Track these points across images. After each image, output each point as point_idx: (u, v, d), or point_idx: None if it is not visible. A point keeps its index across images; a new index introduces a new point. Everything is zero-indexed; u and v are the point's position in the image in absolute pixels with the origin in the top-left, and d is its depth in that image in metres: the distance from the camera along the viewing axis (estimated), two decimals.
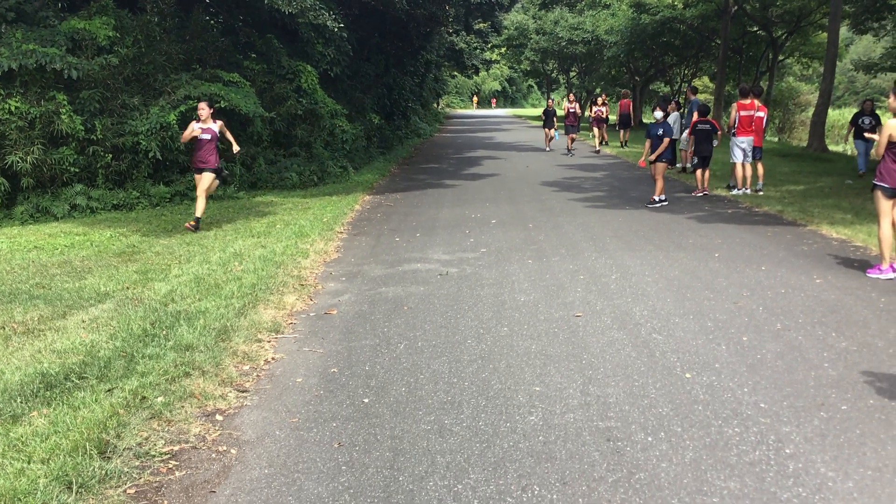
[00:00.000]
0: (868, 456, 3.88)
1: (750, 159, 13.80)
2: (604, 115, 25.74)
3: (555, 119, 25.32)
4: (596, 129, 25.39)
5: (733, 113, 13.93)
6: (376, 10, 21.48)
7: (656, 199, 12.63)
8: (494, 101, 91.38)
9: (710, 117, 14.51)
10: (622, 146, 26.17)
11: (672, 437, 4.11)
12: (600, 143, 25.02)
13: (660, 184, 12.66)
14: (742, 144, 13.63)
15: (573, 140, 24.60)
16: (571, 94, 27.53)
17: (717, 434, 4.14)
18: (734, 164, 13.97)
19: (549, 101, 27.52)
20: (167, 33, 15.19)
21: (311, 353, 5.66)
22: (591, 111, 26.55)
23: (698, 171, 14.18)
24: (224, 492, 3.69)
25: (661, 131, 12.66)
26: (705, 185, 14.07)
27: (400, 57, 28.46)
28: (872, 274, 7.58)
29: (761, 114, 13.87)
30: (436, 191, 15.70)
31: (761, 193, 13.75)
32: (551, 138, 25.49)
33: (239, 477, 3.82)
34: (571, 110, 24.50)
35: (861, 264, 8.08)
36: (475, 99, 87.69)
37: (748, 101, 13.73)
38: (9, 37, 12.61)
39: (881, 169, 7.57)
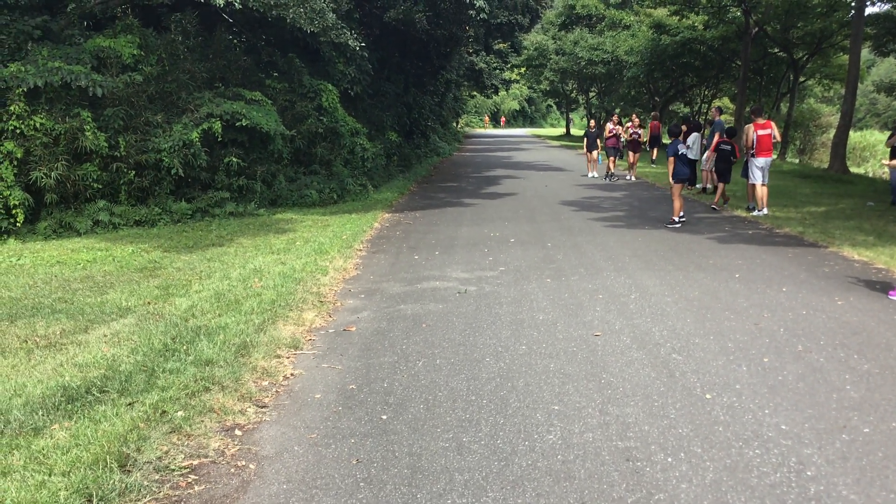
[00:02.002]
0: (891, 479, 3.83)
1: (767, 179, 13.81)
2: (641, 138, 23.34)
3: (598, 142, 23.56)
4: (631, 154, 23.02)
5: (750, 133, 13.90)
6: (397, 30, 21.70)
7: (675, 218, 12.68)
8: (504, 120, 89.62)
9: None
10: (652, 164, 26.25)
11: (692, 458, 4.08)
12: (615, 167, 23.00)
13: (677, 203, 12.68)
14: (760, 164, 13.63)
15: (615, 163, 22.71)
16: (615, 116, 24.33)
17: (738, 455, 4.10)
18: (753, 185, 13.94)
19: (591, 121, 25.78)
20: (191, 52, 15.40)
21: (330, 370, 5.68)
22: (625, 134, 23.71)
23: (721, 185, 14.84)
24: None
25: (671, 151, 12.77)
26: (723, 199, 14.28)
27: (420, 76, 28.65)
28: (895, 296, 7.51)
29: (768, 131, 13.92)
30: (455, 209, 15.73)
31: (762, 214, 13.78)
32: (593, 161, 23.46)
33: (257, 492, 3.83)
34: (615, 132, 22.60)
35: (883, 286, 8.01)
36: (486, 118, 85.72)
37: (763, 121, 13.73)
38: (35, 54, 12.82)
39: None
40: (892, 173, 15.22)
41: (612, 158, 22.61)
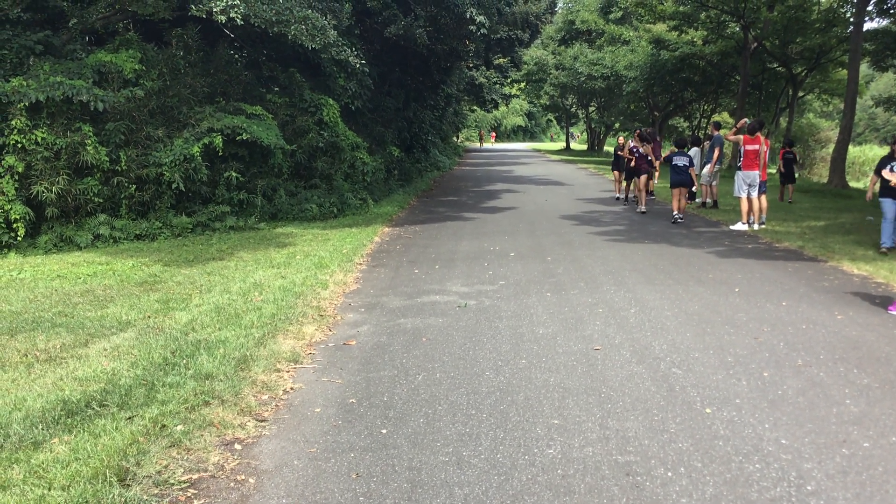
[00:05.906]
0: (891, 493, 3.83)
1: (756, 193, 13.84)
2: (651, 157, 18.23)
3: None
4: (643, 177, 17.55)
5: (738, 146, 14.24)
6: (398, 45, 21.78)
7: (675, 214, 14.56)
8: (494, 135, 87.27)
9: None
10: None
11: (692, 473, 4.07)
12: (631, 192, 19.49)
13: (674, 204, 14.46)
14: (747, 179, 13.73)
15: (643, 184, 18.47)
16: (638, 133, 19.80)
17: (738, 470, 4.10)
18: (739, 198, 14.04)
19: (621, 138, 22.60)
20: (192, 67, 15.45)
21: (330, 384, 5.67)
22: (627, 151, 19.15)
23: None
24: None
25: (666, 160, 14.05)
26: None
27: (420, 91, 28.73)
28: (894, 311, 7.51)
29: (765, 147, 14.01)
30: (455, 223, 15.75)
31: (764, 227, 13.84)
32: (620, 182, 20.69)
33: None
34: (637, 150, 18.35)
35: (883, 301, 8.01)
36: (481, 132, 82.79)
37: (754, 136, 13.87)
38: (36, 69, 12.87)
39: None
40: (886, 207, 11.32)
41: (640, 178, 17.72)
